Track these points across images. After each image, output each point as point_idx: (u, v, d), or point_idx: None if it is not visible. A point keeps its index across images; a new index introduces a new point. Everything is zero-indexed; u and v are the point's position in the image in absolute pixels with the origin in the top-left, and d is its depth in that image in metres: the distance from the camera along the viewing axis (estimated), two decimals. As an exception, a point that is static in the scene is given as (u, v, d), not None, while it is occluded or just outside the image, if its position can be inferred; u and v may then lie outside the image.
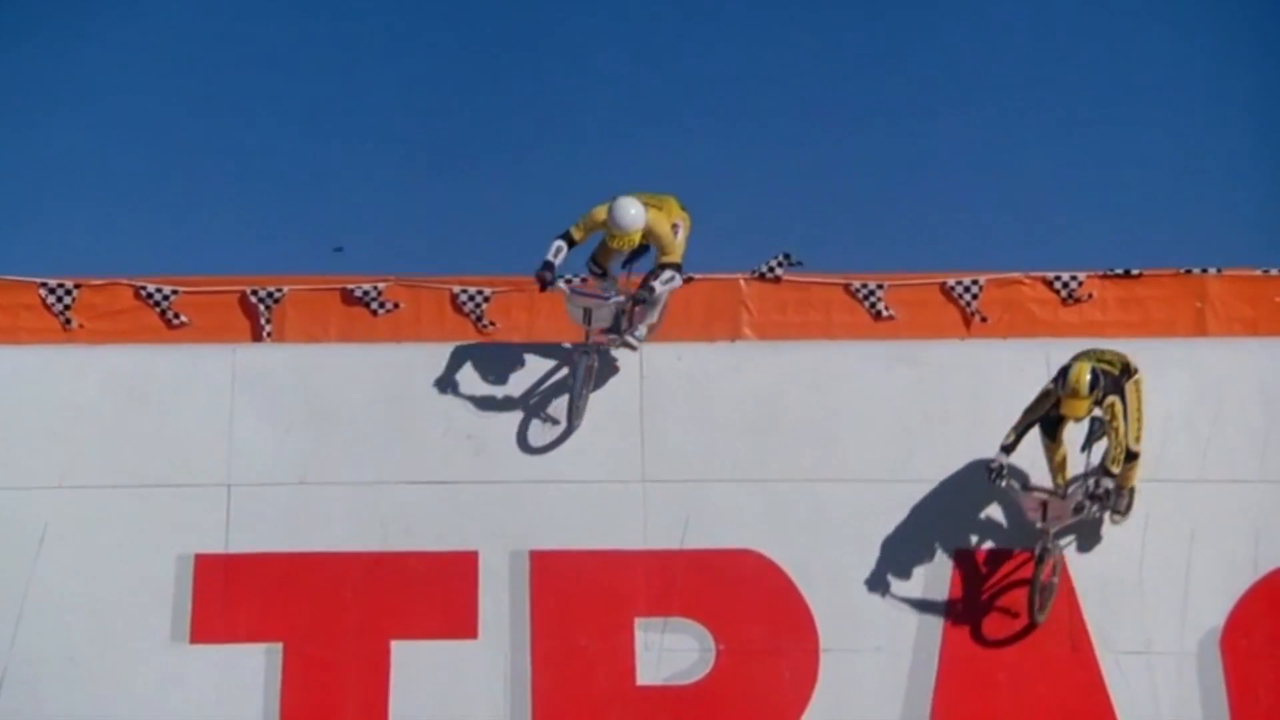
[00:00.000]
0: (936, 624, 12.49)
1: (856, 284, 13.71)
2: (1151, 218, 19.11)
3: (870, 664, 12.36)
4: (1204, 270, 13.72)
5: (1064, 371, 12.17)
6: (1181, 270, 13.75)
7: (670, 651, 12.38)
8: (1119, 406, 12.14)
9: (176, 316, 12.92)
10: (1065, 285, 13.75)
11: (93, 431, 12.60)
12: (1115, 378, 12.23)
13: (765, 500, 12.64)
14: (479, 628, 12.29)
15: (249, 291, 13.16)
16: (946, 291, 13.75)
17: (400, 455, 12.59)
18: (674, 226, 12.35)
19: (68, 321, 12.91)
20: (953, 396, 12.93)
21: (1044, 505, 12.23)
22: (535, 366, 12.88)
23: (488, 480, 12.61)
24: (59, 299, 12.96)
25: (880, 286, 13.69)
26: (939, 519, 12.65)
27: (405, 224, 18.71)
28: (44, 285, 13.11)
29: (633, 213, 12.14)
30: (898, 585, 12.53)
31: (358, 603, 12.33)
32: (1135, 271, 13.78)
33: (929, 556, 12.63)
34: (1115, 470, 12.16)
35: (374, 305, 13.10)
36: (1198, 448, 12.86)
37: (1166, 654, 12.51)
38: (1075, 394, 12.02)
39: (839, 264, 13.81)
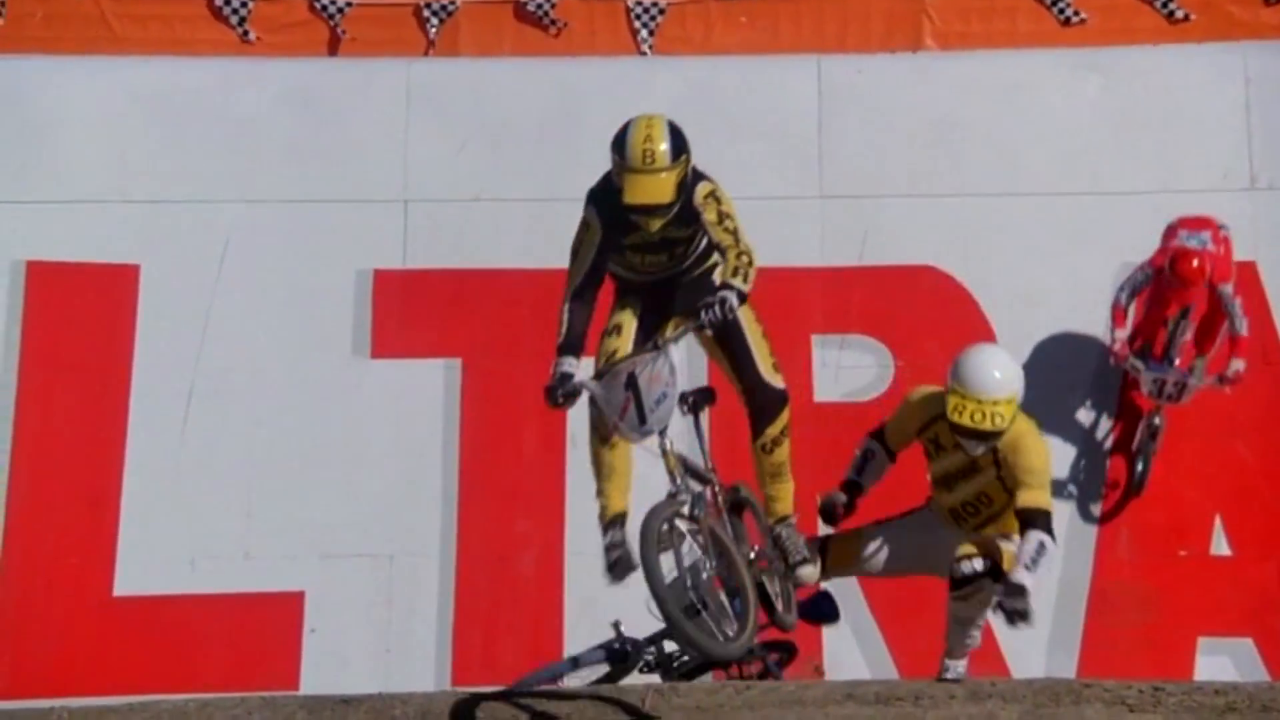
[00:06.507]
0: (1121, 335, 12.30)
1: (1043, -10, 13.23)
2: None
3: (1052, 379, 12.16)
4: None
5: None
6: None
7: (847, 368, 12.32)
8: None
9: (344, 32, 12.79)
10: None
11: (271, 145, 12.62)
12: None
13: (945, 215, 12.43)
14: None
15: (422, 4, 12.97)
16: (1141, -9, 13.23)
17: (574, 172, 12.44)
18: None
19: (245, 34, 12.86)
20: (1143, 106, 12.57)
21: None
22: (710, 81, 12.65)
23: (662, 197, 12.48)
24: (234, 10, 12.89)
25: (1069, -11, 13.21)
26: (1130, 232, 12.37)
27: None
28: (221, -3, 13.05)
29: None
30: (1083, 298, 12.33)
31: (534, 319, 12.31)
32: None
33: (1114, 269, 12.39)
34: None
35: (545, 21, 12.85)
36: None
37: (1363, 365, 12.26)
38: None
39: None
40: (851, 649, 11.35)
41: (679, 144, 8.63)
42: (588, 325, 8.81)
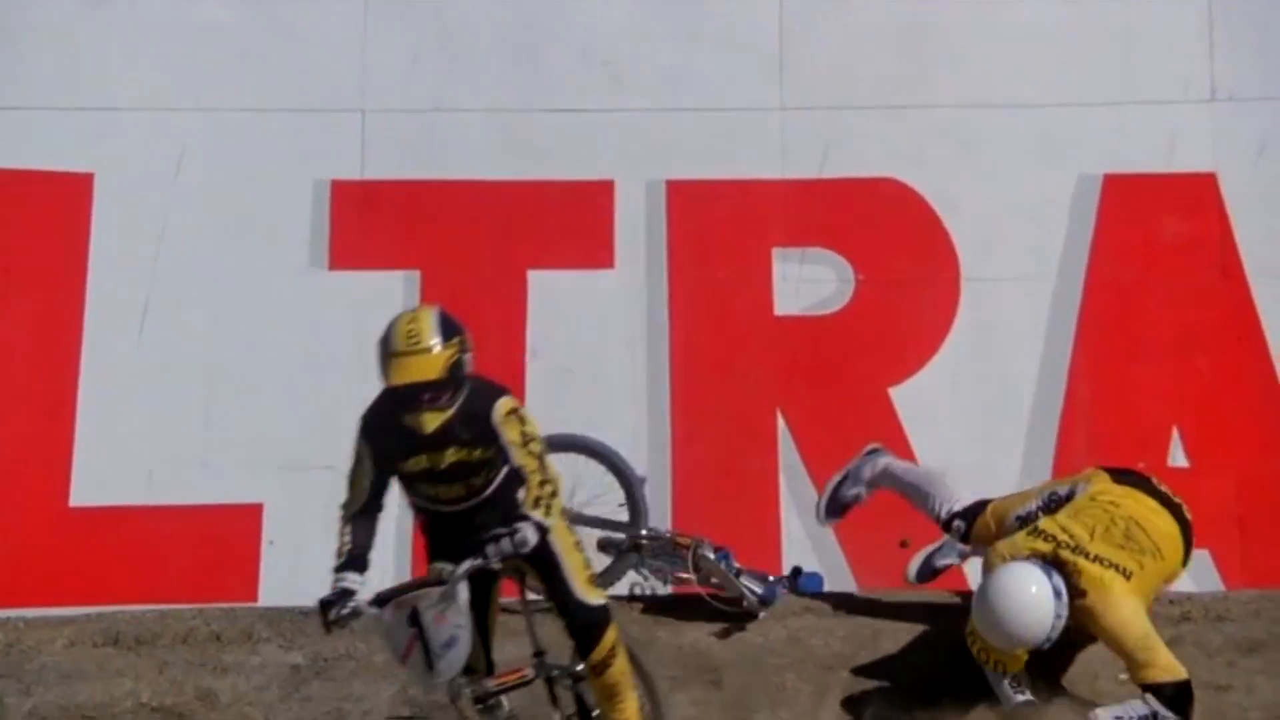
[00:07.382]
0: (1083, 250, 12.29)
1: (1015, -107, 13.11)
2: None
3: (1013, 293, 12.21)
4: None
5: None
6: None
7: (808, 282, 12.27)
8: None
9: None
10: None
11: (226, 52, 12.46)
12: None
13: (908, 127, 12.34)
14: (615, 258, 12.25)
15: (379, -90, 12.80)
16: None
17: (533, 82, 12.39)
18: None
19: (199, -60, 12.71)
20: (1105, 16, 12.50)
21: None
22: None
23: (624, 108, 12.39)
24: (190, -84, 12.72)
25: (1041, -103, 13.08)
26: (1090, 144, 12.34)
27: None
28: (176, -96, 12.85)
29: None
30: (1044, 212, 12.29)
31: (494, 232, 12.27)
32: None
33: (1078, 182, 12.36)
34: None
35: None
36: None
37: (1322, 272, 12.28)
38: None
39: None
40: (810, 562, 11.35)
41: (450, 328, 8.25)
42: (371, 543, 8.13)
